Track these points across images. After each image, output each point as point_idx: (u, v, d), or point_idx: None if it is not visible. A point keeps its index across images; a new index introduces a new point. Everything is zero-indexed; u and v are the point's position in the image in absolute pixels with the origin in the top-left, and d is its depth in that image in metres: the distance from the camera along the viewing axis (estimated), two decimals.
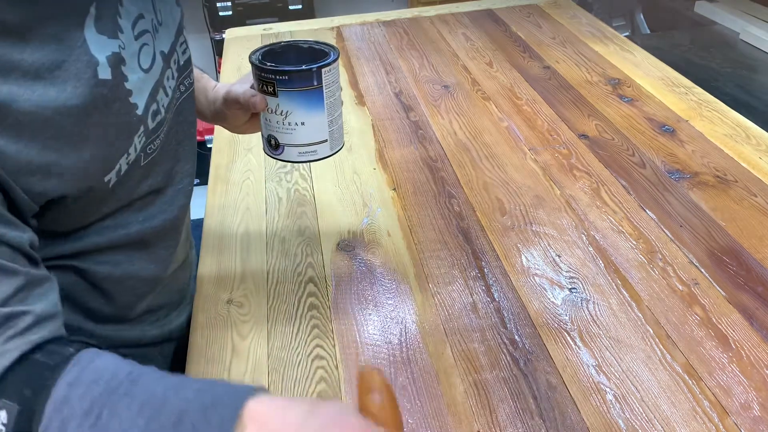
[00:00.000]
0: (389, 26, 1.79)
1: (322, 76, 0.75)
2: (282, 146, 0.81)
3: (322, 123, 0.79)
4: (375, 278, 0.90)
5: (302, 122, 0.78)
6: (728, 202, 1.01)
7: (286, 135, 0.80)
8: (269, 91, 0.77)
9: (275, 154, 0.83)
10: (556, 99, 1.35)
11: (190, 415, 0.48)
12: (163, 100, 0.69)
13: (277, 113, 0.78)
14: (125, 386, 0.49)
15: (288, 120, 0.78)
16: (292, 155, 0.81)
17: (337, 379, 0.76)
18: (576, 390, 0.73)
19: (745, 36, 1.78)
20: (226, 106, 0.84)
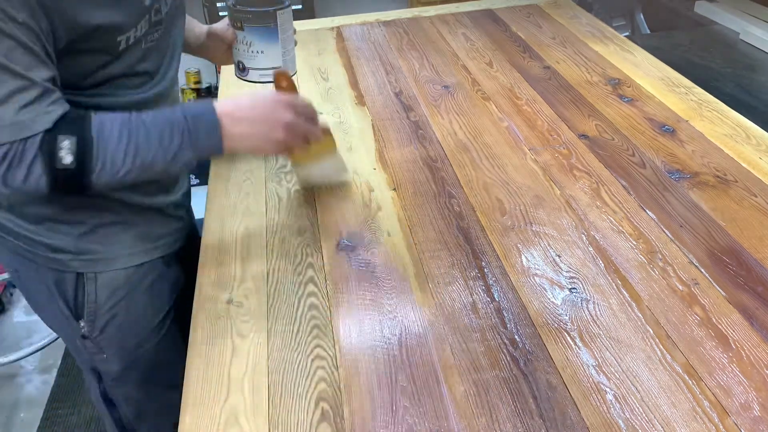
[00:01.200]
0: (389, 26, 1.79)
1: (277, 17, 1.00)
2: (247, 69, 1.06)
3: (277, 53, 1.04)
4: (375, 278, 0.90)
5: (262, 51, 1.03)
6: (728, 202, 1.01)
7: (250, 60, 1.05)
8: (238, 26, 1.02)
9: (242, 76, 1.08)
10: (556, 99, 1.35)
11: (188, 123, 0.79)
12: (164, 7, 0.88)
13: (244, 43, 1.03)
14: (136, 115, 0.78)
15: (251, 49, 1.03)
16: (254, 77, 1.06)
17: (337, 379, 0.76)
18: (576, 390, 0.73)
19: (745, 36, 1.78)
20: (209, 39, 1.09)
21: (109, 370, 0.99)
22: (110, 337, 0.96)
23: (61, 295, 0.93)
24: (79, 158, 0.73)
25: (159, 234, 0.98)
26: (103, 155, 0.75)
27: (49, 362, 2.07)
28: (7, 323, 2.24)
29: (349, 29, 1.80)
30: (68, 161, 0.73)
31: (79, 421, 1.86)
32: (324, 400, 0.73)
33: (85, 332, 0.95)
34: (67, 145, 0.73)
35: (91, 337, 0.95)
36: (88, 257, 0.91)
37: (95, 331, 0.95)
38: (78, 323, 0.94)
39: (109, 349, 0.97)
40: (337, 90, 1.45)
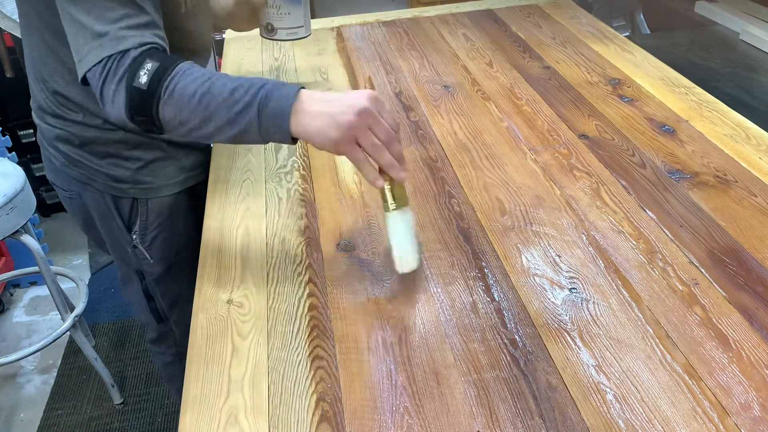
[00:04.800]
0: (389, 26, 1.79)
1: None
2: (276, 29, 1.26)
3: (300, 13, 1.25)
4: (375, 278, 0.90)
5: (288, 12, 1.24)
6: (728, 202, 1.01)
7: (279, 21, 1.25)
8: None
9: (271, 36, 1.27)
10: (556, 99, 1.35)
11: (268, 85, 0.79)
12: None
13: (274, 6, 1.24)
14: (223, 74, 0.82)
15: (280, 11, 1.24)
16: (282, 35, 1.26)
17: (337, 379, 0.76)
18: (576, 390, 0.73)
19: (745, 36, 1.78)
20: (237, 6, 1.23)
21: (152, 272, 1.22)
22: (155, 248, 1.18)
23: (119, 213, 1.14)
24: (153, 82, 0.79)
25: (193, 165, 1.18)
26: (173, 87, 0.79)
27: (49, 362, 2.07)
28: (7, 323, 2.24)
29: (349, 29, 1.80)
30: (143, 81, 0.79)
31: (79, 421, 1.86)
32: (324, 400, 0.73)
33: (137, 243, 1.17)
34: (148, 67, 0.79)
35: (141, 246, 1.17)
36: (142, 186, 1.12)
37: (145, 242, 1.17)
38: (131, 235, 1.17)
39: (154, 257, 1.20)
40: (337, 90, 1.44)
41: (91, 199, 1.13)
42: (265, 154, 1.22)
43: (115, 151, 1.08)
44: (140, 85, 0.79)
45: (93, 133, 1.05)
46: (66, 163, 1.09)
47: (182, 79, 0.80)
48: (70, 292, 2.03)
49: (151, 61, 0.80)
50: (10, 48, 2.17)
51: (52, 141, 1.08)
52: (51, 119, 1.06)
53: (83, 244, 2.58)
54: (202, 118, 0.79)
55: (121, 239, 1.17)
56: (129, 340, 2.14)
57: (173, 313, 1.31)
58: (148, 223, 1.15)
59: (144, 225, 1.15)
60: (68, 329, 1.78)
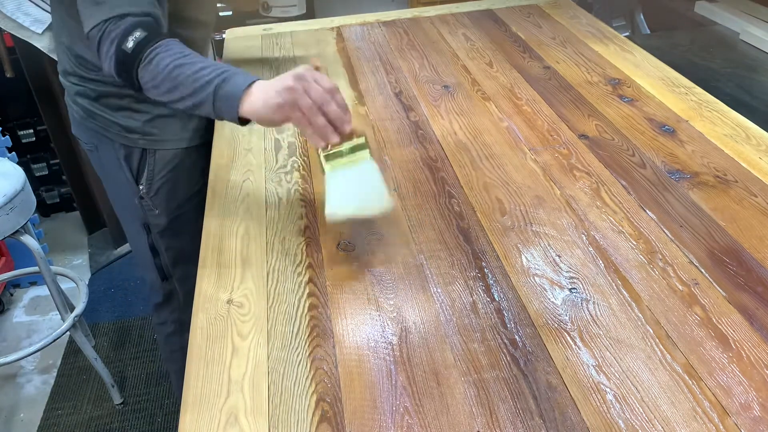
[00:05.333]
0: (389, 26, 1.79)
1: None
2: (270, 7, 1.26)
3: None
4: (375, 278, 0.90)
5: None
6: (728, 202, 1.01)
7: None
8: None
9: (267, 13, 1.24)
10: (556, 99, 1.35)
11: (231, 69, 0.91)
12: None
13: None
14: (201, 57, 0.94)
15: None
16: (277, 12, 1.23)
17: (337, 379, 0.76)
18: (576, 390, 0.73)
19: (745, 36, 1.78)
20: None
21: (157, 224, 1.32)
22: (161, 197, 1.29)
23: (128, 165, 1.26)
24: (137, 48, 0.92)
25: (197, 126, 1.29)
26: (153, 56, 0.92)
27: (49, 362, 2.07)
28: (7, 323, 2.24)
29: (349, 29, 1.80)
30: (129, 46, 0.92)
31: (79, 421, 1.86)
32: (324, 400, 0.73)
33: (143, 193, 1.28)
34: (136, 35, 0.92)
35: (147, 197, 1.28)
36: (150, 137, 1.24)
37: (151, 192, 1.28)
38: (138, 186, 1.28)
39: (159, 207, 1.30)
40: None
41: (106, 150, 1.26)
42: (265, 154, 1.22)
43: (126, 103, 1.20)
44: (126, 49, 0.92)
45: (107, 88, 1.18)
46: (85, 116, 1.23)
47: (162, 51, 0.92)
48: (70, 292, 2.03)
49: (141, 31, 0.93)
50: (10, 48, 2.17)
51: (74, 97, 1.23)
52: (73, 78, 1.20)
53: (83, 244, 2.58)
54: (170, 87, 0.92)
55: (129, 190, 1.29)
56: (129, 340, 2.14)
57: (177, 269, 1.39)
58: (154, 173, 1.26)
59: (151, 175, 1.26)
60: (68, 329, 1.78)
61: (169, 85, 0.92)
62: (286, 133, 1.29)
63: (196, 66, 0.91)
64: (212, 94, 0.90)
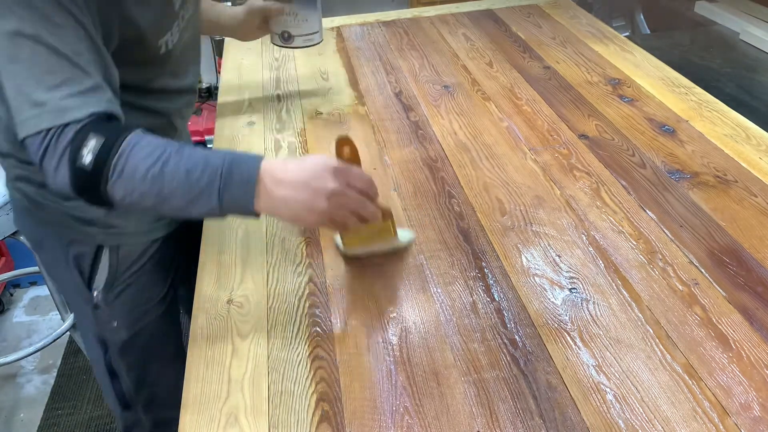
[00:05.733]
0: (389, 26, 1.79)
1: None
2: (293, 37, 1.25)
3: (316, 18, 1.26)
4: (375, 278, 0.90)
5: (306, 18, 1.23)
6: (728, 202, 1.01)
7: (297, 28, 1.24)
8: None
9: (287, 44, 1.26)
10: (556, 99, 1.35)
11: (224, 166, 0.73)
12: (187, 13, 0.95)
13: (291, 14, 1.22)
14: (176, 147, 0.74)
15: (298, 18, 1.23)
16: (299, 42, 1.26)
17: (337, 379, 0.76)
18: (576, 390, 0.73)
19: (745, 36, 1.78)
20: (249, 15, 1.23)
21: (116, 339, 1.07)
22: (121, 306, 1.04)
23: (78, 268, 1.01)
24: (97, 161, 0.71)
25: None
26: (122, 166, 0.72)
27: (49, 362, 2.07)
28: (7, 323, 2.24)
29: (349, 29, 1.80)
30: (87, 162, 0.71)
31: (79, 421, 1.86)
32: (324, 400, 0.73)
33: (98, 301, 1.03)
34: (92, 145, 0.71)
35: (103, 305, 1.03)
36: (113, 231, 1.00)
37: (109, 299, 1.03)
38: (91, 293, 1.02)
39: (119, 317, 1.05)
40: (337, 90, 1.45)
41: (51, 248, 1.03)
42: (265, 154, 1.22)
43: None
44: (84, 166, 0.72)
45: None
46: (29, 205, 0.98)
47: (131, 156, 0.72)
48: None
49: (95, 137, 0.72)
50: None
51: (14, 182, 0.98)
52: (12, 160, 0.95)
53: None
54: (157, 200, 0.74)
55: (80, 298, 1.04)
56: None
57: (140, 396, 1.13)
58: (116, 276, 1.02)
59: (111, 279, 1.02)
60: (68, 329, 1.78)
61: (155, 200, 0.74)
62: (285, 133, 1.29)
63: (182, 169, 0.73)
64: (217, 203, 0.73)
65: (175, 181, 0.72)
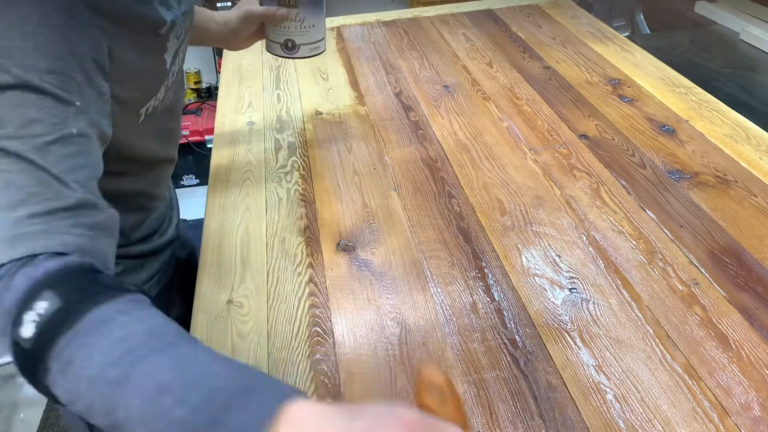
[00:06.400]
0: (389, 26, 1.79)
1: None
2: (298, 46, 1.08)
3: (322, 24, 1.09)
4: (375, 278, 0.90)
5: (312, 24, 1.07)
6: (728, 202, 1.01)
7: (302, 36, 1.07)
8: (290, 4, 1.03)
9: (291, 54, 1.09)
10: (556, 99, 1.35)
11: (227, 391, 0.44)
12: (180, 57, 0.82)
13: (296, 20, 1.05)
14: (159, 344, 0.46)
15: (304, 24, 1.06)
16: (305, 52, 1.09)
17: (337, 380, 0.76)
18: (576, 390, 0.73)
19: (745, 36, 1.78)
20: (243, 22, 1.06)
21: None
22: None
23: None
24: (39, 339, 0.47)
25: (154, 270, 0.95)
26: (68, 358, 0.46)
27: None
28: None
29: (349, 29, 1.80)
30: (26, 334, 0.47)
31: None
32: (324, 401, 0.73)
33: None
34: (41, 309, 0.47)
35: None
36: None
37: None
38: None
39: None
40: (337, 90, 1.45)
41: None
42: (265, 154, 1.22)
43: None
44: (20, 340, 0.47)
45: None
46: None
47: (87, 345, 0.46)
48: None
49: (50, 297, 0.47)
50: None
51: None
52: None
53: None
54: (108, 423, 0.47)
55: None
56: None
57: None
58: None
59: None
60: None
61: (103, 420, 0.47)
62: (285, 133, 1.29)
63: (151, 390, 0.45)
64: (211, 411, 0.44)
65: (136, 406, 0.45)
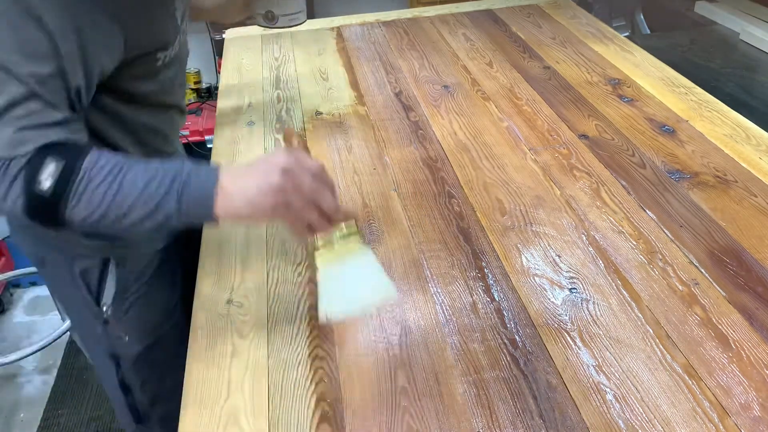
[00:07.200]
0: (389, 26, 1.79)
1: None
2: (277, 17, 1.19)
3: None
4: None
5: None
6: (728, 202, 1.01)
7: (281, 7, 1.19)
8: None
9: (272, 24, 1.21)
10: (556, 99, 1.35)
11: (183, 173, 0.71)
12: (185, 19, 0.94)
13: None
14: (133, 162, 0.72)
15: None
16: (284, 22, 1.20)
17: (337, 379, 0.76)
18: (576, 390, 0.73)
19: (745, 36, 1.78)
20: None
21: (128, 354, 1.04)
22: (132, 320, 1.01)
23: (85, 284, 0.97)
24: (58, 186, 0.69)
25: None
26: (82, 190, 0.69)
27: (49, 362, 2.07)
28: (7, 323, 2.24)
29: (349, 29, 1.80)
30: (46, 187, 0.68)
31: (79, 421, 1.86)
32: (324, 400, 0.73)
33: (108, 316, 1.00)
34: (51, 169, 0.69)
35: (113, 320, 1.00)
36: (119, 243, 0.96)
37: (119, 314, 1.00)
38: (100, 308, 0.99)
39: (130, 331, 1.02)
40: (337, 90, 1.45)
41: (55, 265, 1.00)
42: (265, 154, 1.22)
43: None
44: (43, 192, 0.69)
45: None
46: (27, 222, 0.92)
47: (91, 179, 0.70)
48: None
49: (54, 161, 0.69)
50: None
51: None
52: None
53: None
54: (116, 217, 0.71)
55: (89, 314, 1.01)
56: None
57: (155, 410, 1.10)
58: (126, 289, 1.00)
59: (121, 292, 0.99)
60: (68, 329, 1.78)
61: (115, 216, 0.71)
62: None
63: (140, 182, 0.71)
64: (175, 205, 0.71)
65: (134, 193, 0.70)
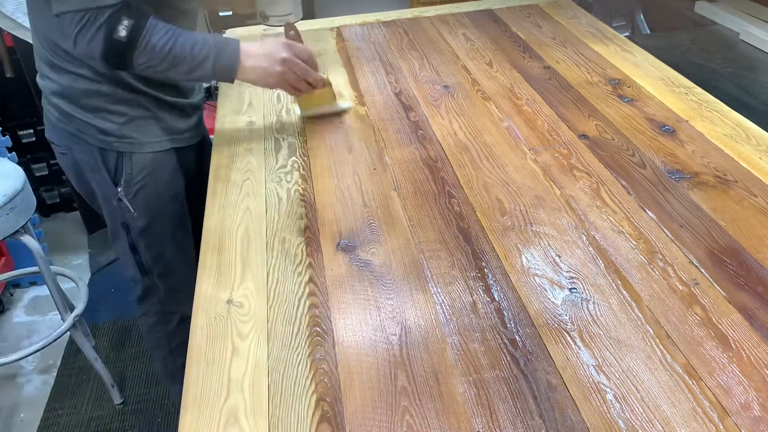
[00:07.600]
0: (389, 26, 1.79)
1: None
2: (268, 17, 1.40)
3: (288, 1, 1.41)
4: (375, 278, 0.90)
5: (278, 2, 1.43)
6: (728, 202, 1.01)
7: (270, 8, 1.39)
8: None
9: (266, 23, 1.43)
10: (556, 99, 1.35)
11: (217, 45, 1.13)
12: None
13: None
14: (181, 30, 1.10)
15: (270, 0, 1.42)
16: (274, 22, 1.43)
17: (337, 379, 0.76)
18: (576, 390, 0.73)
19: (745, 36, 1.78)
20: None
21: (136, 225, 1.31)
22: (139, 200, 1.28)
23: (105, 166, 1.25)
24: (130, 36, 1.03)
25: (179, 129, 1.29)
26: (148, 40, 1.05)
27: (49, 362, 2.07)
28: (7, 323, 2.24)
29: (349, 29, 1.80)
30: (122, 35, 1.03)
31: (79, 421, 1.86)
32: (324, 400, 0.73)
33: (121, 195, 1.27)
34: (125, 23, 1.02)
35: (125, 199, 1.27)
36: (127, 140, 1.23)
37: (129, 195, 1.27)
38: (116, 188, 1.26)
39: (138, 209, 1.29)
40: (337, 90, 1.45)
41: (81, 153, 1.25)
42: (265, 154, 1.22)
43: (102, 104, 1.20)
44: (120, 39, 1.03)
45: (82, 84, 1.17)
46: (61, 117, 1.22)
47: (153, 34, 1.05)
48: (70, 292, 2.03)
49: (127, 18, 1.02)
50: (10, 48, 2.17)
51: (50, 97, 1.21)
52: (48, 71, 1.18)
53: (83, 244, 2.58)
54: (167, 67, 1.09)
55: (108, 192, 1.28)
56: (129, 340, 2.14)
57: (157, 266, 1.40)
58: (132, 177, 1.25)
59: (129, 178, 1.25)
60: (68, 329, 1.78)
61: (167, 65, 1.08)
62: (285, 132, 1.29)
63: (187, 45, 1.08)
64: (211, 69, 1.11)
65: (183, 53, 1.08)
